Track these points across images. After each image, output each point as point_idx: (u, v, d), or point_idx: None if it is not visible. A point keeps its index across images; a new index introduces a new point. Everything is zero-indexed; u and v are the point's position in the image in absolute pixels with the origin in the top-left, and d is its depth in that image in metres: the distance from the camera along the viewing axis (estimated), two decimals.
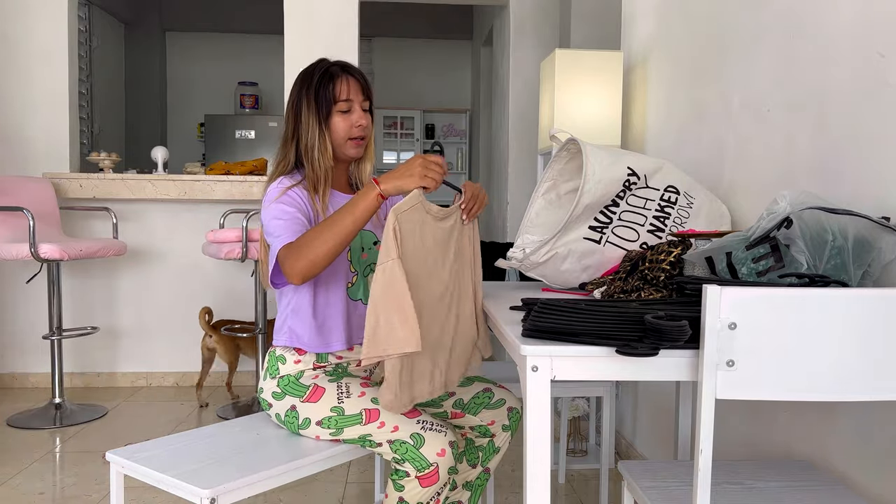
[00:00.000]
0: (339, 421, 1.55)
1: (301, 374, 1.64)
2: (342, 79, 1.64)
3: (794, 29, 1.67)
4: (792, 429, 1.63)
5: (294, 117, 1.65)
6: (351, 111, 1.65)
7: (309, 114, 1.63)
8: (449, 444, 1.49)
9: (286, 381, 1.63)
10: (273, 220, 1.56)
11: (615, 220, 1.73)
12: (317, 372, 1.65)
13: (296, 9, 3.97)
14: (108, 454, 1.51)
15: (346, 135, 1.65)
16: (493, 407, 1.73)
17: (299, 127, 1.64)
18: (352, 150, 1.68)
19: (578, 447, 2.81)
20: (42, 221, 3.33)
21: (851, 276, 1.16)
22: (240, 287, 3.94)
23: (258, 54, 6.61)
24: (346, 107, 1.64)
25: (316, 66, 1.68)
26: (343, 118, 1.64)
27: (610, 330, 1.05)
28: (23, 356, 3.87)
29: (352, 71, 1.67)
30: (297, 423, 1.60)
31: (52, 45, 3.81)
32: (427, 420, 1.52)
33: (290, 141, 1.66)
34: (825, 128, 1.54)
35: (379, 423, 1.51)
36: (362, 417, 1.53)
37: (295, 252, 1.45)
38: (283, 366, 1.65)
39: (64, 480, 2.58)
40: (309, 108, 1.63)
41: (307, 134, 1.63)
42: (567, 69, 2.63)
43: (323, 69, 1.65)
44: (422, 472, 1.46)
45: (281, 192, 1.59)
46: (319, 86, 1.63)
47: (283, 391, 1.63)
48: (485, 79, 5.68)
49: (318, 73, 1.65)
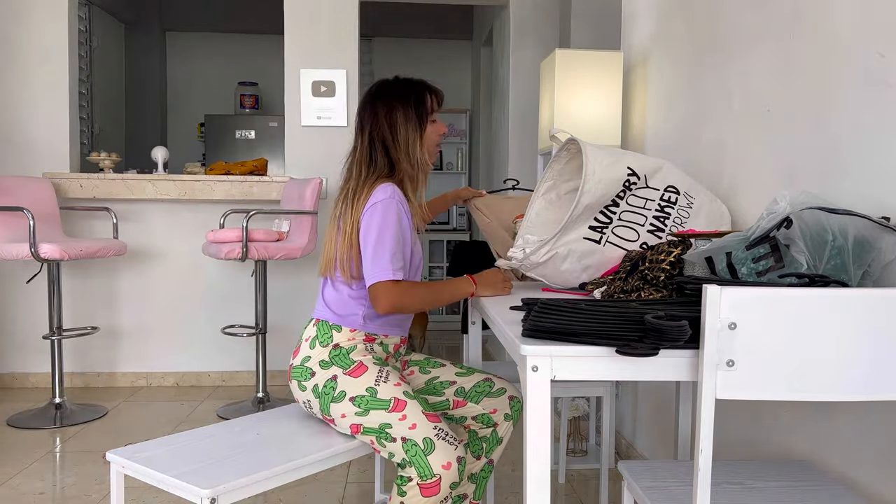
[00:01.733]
0: (369, 402, 1.60)
1: (354, 347, 1.70)
2: (431, 94, 1.83)
3: (794, 29, 1.67)
4: (792, 429, 1.63)
5: (391, 128, 1.77)
6: (437, 122, 1.84)
7: (408, 121, 1.77)
8: (457, 459, 1.53)
9: (338, 351, 1.69)
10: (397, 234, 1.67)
11: (615, 220, 1.73)
12: (366, 348, 1.71)
13: (296, 9, 3.97)
14: (108, 454, 1.51)
15: (434, 142, 1.83)
16: (494, 395, 1.79)
17: (396, 133, 1.76)
18: (433, 155, 1.85)
19: (578, 447, 2.81)
20: (42, 221, 3.34)
21: (851, 276, 1.16)
22: (240, 287, 3.94)
23: (258, 54, 6.61)
24: (434, 118, 1.83)
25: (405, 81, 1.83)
26: (433, 127, 1.83)
27: (610, 330, 1.05)
28: (23, 356, 3.87)
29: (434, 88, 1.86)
30: (332, 394, 1.64)
31: (52, 45, 3.81)
32: (443, 429, 1.56)
33: (381, 146, 1.76)
34: (825, 128, 1.54)
35: (402, 414, 1.56)
36: (390, 404, 1.58)
37: (396, 296, 1.65)
38: (339, 334, 1.71)
39: (64, 480, 2.58)
40: (407, 116, 1.77)
41: (407, 139, 1.77)
42: (567, 69, 2.63)
43: (417, 86, 1.81)
44: (424, 481, 1.50)
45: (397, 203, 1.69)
46: (418, 98, 1.79)
47: (332, 360, 1.68)
48: (485, 79, 5.68)
49: (416, 87, 1.81)
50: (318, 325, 1.74)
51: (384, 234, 1.66)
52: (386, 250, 1.65)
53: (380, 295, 1.64)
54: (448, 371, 1.82)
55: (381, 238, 1.65)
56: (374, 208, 1.68)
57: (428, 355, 1.88)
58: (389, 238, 1.65)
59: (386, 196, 1.68)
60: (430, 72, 6.84)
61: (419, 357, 1.87)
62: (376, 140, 1.77)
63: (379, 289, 1.64)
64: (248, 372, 3.97)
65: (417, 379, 1.82)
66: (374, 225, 1.67)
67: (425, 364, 1.84)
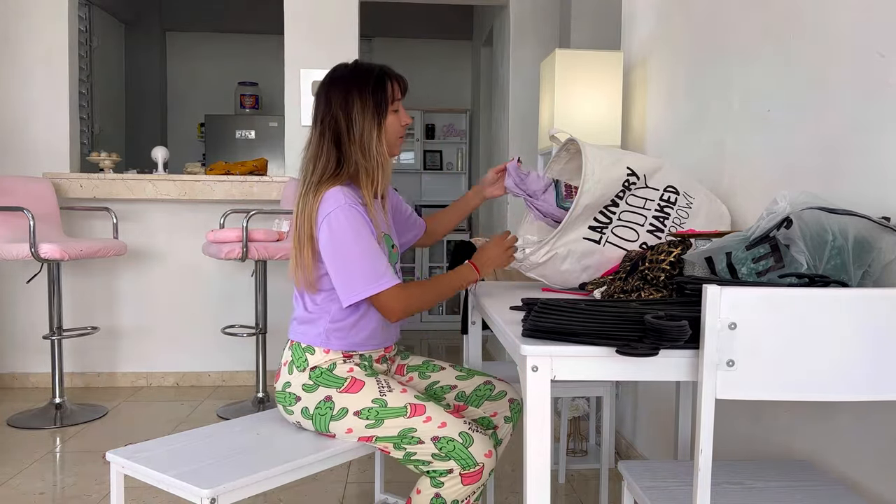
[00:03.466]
0: (380, 412, 1.56)
1: (333, 365, 1.64)
2: (393, 81, 1.69)
3: (794, 29, 1.67)
4: (792, 429, 1.63)
5: (346, 118, 1.63)
6: (399, 111, 1.72)
7: (365, 113, 1.64)
8: (494, 448, 1.53)
9: (318, 372, 1.63)
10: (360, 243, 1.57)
11: (615, 220, 1.73)
12: (349, 364, 1.65)
13: (296, 9, 3.97)
14: (108, 454, 1.51)
15: (397, 133, 1.72)
16: (495, 399, 1.76)
17: (352, 126, 1.63)
18: (397, 147, 1.75)
19: (578, 447, 2.80)
20: (42, 221, 3.33)
21: (851, 276, 1.16)
22: (240, 287, 3.94)
23: (258, 54, 6.61)
24: (396, 107, 1.70)
25: (367, 67, 1.69)
26: (395, 117, 1.70)
27: (610, 330, 1.05)
28: (23, 356, 3.87)
29: (396, 74, 1.72)
30: (330, 413, 1.59)
31: (53, 46, 3.81)
32: (472, 422, 1.55)
33: (335, 140, 1.64)
34: (825, 128, 1.54)
35: (425, 416, 1.53)
36: (407, 411, 1.54)
37: (405, 301, 1.60)
38: (313, 356, 1.65)
39: (64, 480, 2.58)
40: (365, 107, 1.64)
41: (363, 132, 1.64)
42: (567, 69, 2.63)
43: (375, 70, 1.68)
44: (467, 471, 1.48)
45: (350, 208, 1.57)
46: (377, 86, 1.65)
47: (317, 382, 1.62)
48: (485, 79, 5.68)
49: (372, 73, 1.67)
50: (292, 347, 1.68)
51: (360, 245, 1.56)
52: (372, 259, 1.56)
53: (390, 303, 1.58)
54: (448, 375, 1.79)
55: (362, 250, 1.56)
56: (329, 219, 1.56)
57: (427, 358, 1.85)
58: (367, 245, 1.56)
59: (338, 205, 1.56)
60: (430, 72, 6.85)
61: (418, 361, 1.83)
62: (328, 132, 1.64)
63: (387, 297, 1.57)
64: (248, 372, 3.97)
65: (417, 385, 1.78)
66: (340, 239, 1.56)
67: (424, 369, 1.80)
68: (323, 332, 1.65)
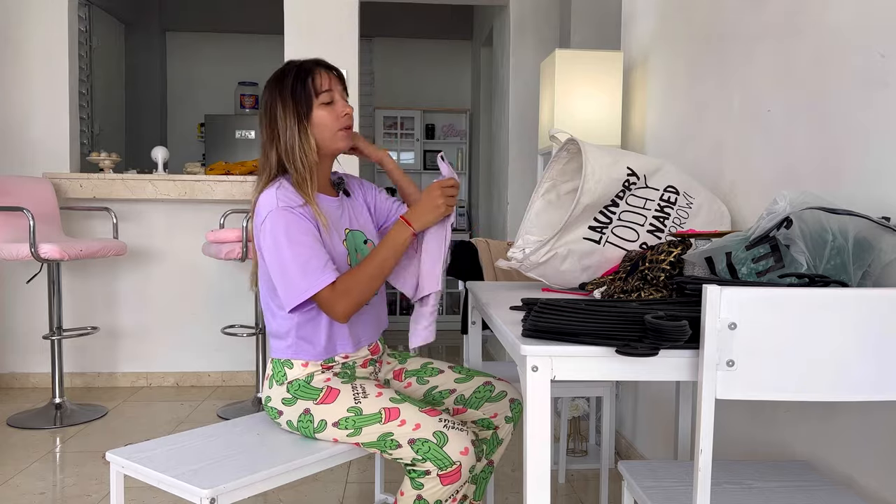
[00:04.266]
0: (356, 421, 1.53)
1: (311, 377, 1.62)
2: (318, 72, 1.61)
3: (794, 29, 1.67)
4: (792, 429, 1.63)
5: (269, 121, 1.61)
6: (334, 102, 1.62)
7: (286, 114, 1.59)
8: (471, 443, 1.49)
9: (296, 385, 1.61)
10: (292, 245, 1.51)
11: (615, 220, 1.73)
12: (327, 374, 1.63)
13: (296, 9, 3.97)
14: (108, 454, 1.51)
15: (335, 126, 1.63)
16: (495, 399, 1.74)
17: (276, 130, 1.60)
18: (342, 141, 1.65)
19: (578, 447, 2.80)
20: (42, 221, 3.33)
21: (851, 277, 1.16)
22: (240, 287, 3.94)
23: (258, 54, 6.61)
24: (328, 98, 1.61)
25: (287, 66, 1.64)
26: (328, 110, 1.62)
27: (610, 330, 1.05)
28: (23, 356, 3.87)
29: (324, 64, 1.64)
30: (312, 426, 1.58)
31: (52, 45, 3.82)
32: (448, 418, 1.51)
33: (269, 147, 1.61)
34: (825, 128, 1.54)
35: (399, 420, 1.50)
36: (381, 416, 1.52)
37: (343, 296, 1.53)
38: (291, 370, 1.63)
39: (64, 480, 2.58)
40: (286, 108, 1.59)
41: (286, 135, 1.59)
42: (567, 69, 2.63)
43: (295, 67, 1.62)
44: (444, 471, 1.46)
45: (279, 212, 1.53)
46: (295, 83, 1.59)
47: (295, 396, 1.61)
48: (485, 79, 5.68)
49: (291, 72, 1.61)
50: (273, 363, 1.66)
51: (288, 250, 1.51)
52: (304, 260, 1.51)
53: (326, 304, 1.52)
54: (446, 378, 1.76)
55: (293, 253, 1.51)
56: (264, 227, 1.54)
57: (427, 360, 1.82)
58: (297, 248, 1.51)
59: (269, 210, 1.53)
60: (430, 72, 6.85)
61: (416, 365, 1.80)
62: (265, 139, 1.62)
63: (321, 300, 1.52)
64: (248, 372, 3.97)
65: (416, 391, 1.76)
66: (274, 245, 1.52)
67: (423, 373, 1.78)
68: (293, 343, 1.63)
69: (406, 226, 1.60)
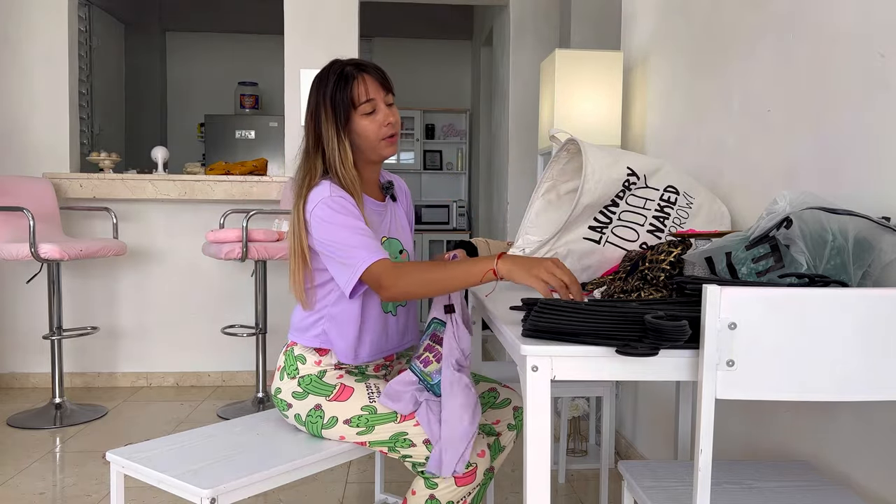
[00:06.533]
0: (370, 419, 1.53)
1: (323, 373, 1.62)
2: (359, 80, 1.55)
3: (794, 29, 1.67)
4: (792, 429, 1.63)
5: (314, 127, 1.57)
6: (376, 111, 1.57)
7: (328, 122, 1.55)
8: (487, 446, 1.50)
9: (308, 380, 1.61)
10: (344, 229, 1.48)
11: (615, 220, 1.73)
12: (339, 371, 1.63)
13: (296, 9, 3.97)
14: (108, 454, 1.51)
15: (378, 136, 1.58)
16: (499, 406, 1.74)
17: (322, 137, 1.56)
18: (387, 149, 1.61)
19: (578, 447, 2.80)
20: (42, 221, 3.33)
21: (851, 276, 1.16)
22: (240, 287, 3.94)
23: (258, 54, 6.61)
24: (369, 108, 1.56)
25: (329, 68, 1.59)
26: (370, 120, 1.57)
27: (610, 330, 1.05)
28: (23, 356, 3.87)
29: (367, 68, 1.58)
30: (321, 422, 1.58)
31: (52, 45, 3.81)
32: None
33: (315, 151, 1.58)
34: (825, 128, 1.54)
35: (415, 421, 1.50)
36: (396, 416, 1.52)
37: (401, 274, 1.43)
38: (304, 365, 1.63)
39: (64, 480, 2.58)
40: (327, 116, 1.55)
41: (329, 144, 1.55)
42: (567, 69, 2.63)
43: (337, 72, 1.56)
44: (460, 472, 1.46)
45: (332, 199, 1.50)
46: (336, 91, 1.54)
47: (306, 390, 1.61)
48: (485, 79, 5.68)
49: (332, 76, 1.56)
50: (286, 353, 1.66)
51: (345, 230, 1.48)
52: (361, 237, 1.47)
53: (380, 276, 1.44)
54: None
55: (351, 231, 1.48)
56: (314, 214, 1.50)
57: None
58: (354, 227, 1.48)
59: (321, 197, 1.50)
60: (430, 72, 6.85)
61: None
62: (310, 140, 1.58)
63: (378, 270, 1.44)
64: (248, 372, 3.97)
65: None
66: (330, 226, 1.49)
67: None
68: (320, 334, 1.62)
69: (493, 261, 1.37)
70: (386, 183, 1.76)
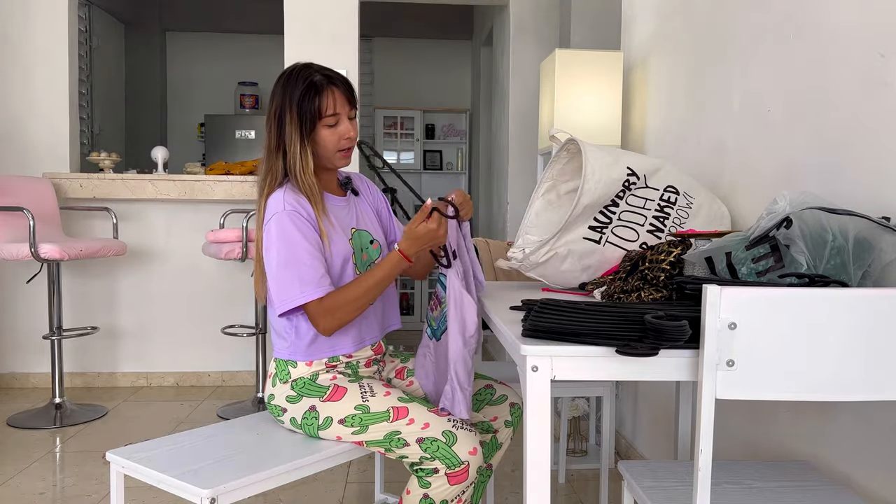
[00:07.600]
0: (364, 419, 1.54)
1: (316, 375, 1.63)
2: (328, 92, 1.59)
3: (794, 29, 1.67)
4: (792, 429, 1.63)
5: (278, 127, 1.60)
6: (338, 124, 1.62)
7: (292, 127, 1.58)
8: (479, 443, 1.50)
9: (301, 382, 1.62)
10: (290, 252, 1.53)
11: (615, 220, 1.73)
12: (332, 373, 1.64)
13: (296, 9, 3.97)
14: (108, 454, 1.51)
15: (335, 147, 1.63)
16: (495, 403, 1.74)
17: (283, 137, 1.60)
18: (341, 161, 1.66)
19: (578, 447, 2.80)
20: (42, 221, 3.33)
21: (851, 277, 1.16)
22: (240, 287, 3.94)
23: (258, 54, 6.60)
24: (332, 121, 1.61)
25: (300, 73, 1.61)
26: (331, 132, 1.61)
27: (610, 330, 1.05)
28: (23, 356, 3.87)
29: (336, 82, 1.62)
30: (317, 423, 1.58)
31: (52, 46, 3.81)
32: (455, 419, 1.52)
33: (277, 151, 1.61)
34: (825, 128, 1.54)
35: (408, 419, 1.51)
36: (390, 415, 1.53)
37: (329, 313, 1.53)
38: (295, 369, 1.63)
39: (64, 480, 2.58)
40: (292, 121, 1.58)
41: (291, 148, 1.59)
42: (567, 69, 2.63)
43: (307, 80, 1.59)
44: (452, 470, 1.46)
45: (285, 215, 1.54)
46: (304, 99, 1.58)
47: (300, 393, 1.61)
48: (485, 79, 5.68)
49: (301, 83, 1.59)
50: (276, 361, 1.66)
51: (286, 256, 1.52)
52: (294, 271, 1.52)
53: (315, 318, 1.53)
54: None
55: (287, 260, 1.52)
56: (268, 227, 1.55)
57: None
58: (295, 255, 1.52)
59: (275, 212, 1.55)
60: (430, 72, 6.85)
61: None
62: (272, 139, 1.61)
63: (310, 311, 1.53)
64: (248, 372, 3.97)
65: (418, 389, 1.76)
66: (274, 247, 1.54)
67: None
68: (298, 343, 1.63)
69: (401, 258, 1.55)
70: (344, 179, 1.79)
